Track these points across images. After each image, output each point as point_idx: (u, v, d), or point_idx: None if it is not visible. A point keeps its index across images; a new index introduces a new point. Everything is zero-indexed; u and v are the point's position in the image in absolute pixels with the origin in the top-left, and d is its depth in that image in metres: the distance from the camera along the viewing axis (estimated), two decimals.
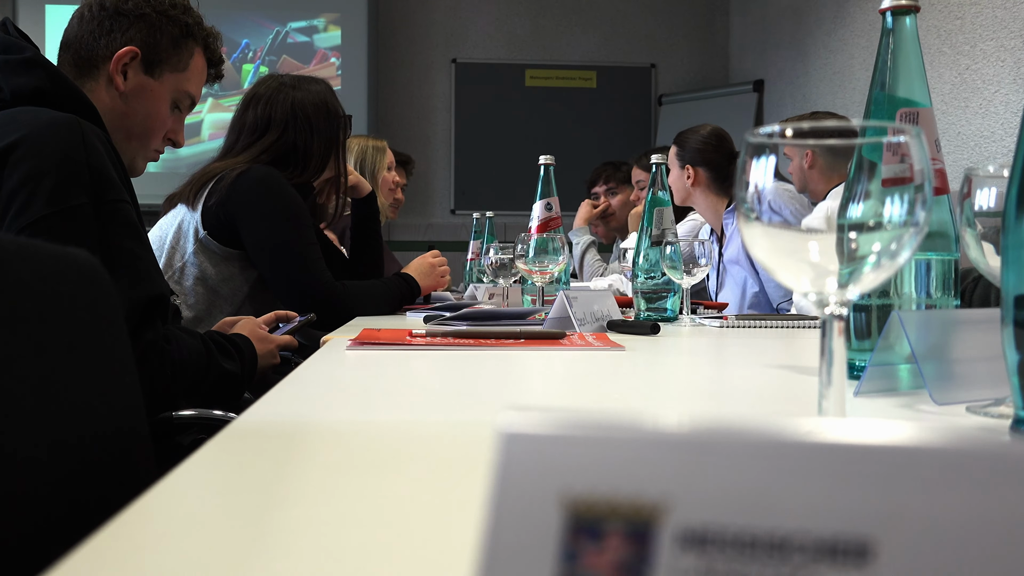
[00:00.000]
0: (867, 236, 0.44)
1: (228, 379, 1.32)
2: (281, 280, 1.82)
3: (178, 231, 1.87)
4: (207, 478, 0.44)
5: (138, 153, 1.41)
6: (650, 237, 1.70)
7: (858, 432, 0.17)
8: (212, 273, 1.84)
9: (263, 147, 1.89)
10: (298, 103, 1.92)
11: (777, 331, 1.50)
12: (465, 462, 0.48)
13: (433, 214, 5.54)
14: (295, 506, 0.40)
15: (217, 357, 1.31)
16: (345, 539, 0.34)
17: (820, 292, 0.44)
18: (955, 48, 3.46)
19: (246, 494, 0.42)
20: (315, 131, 1.93)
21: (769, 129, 0.44)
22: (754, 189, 0.45)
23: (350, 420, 0.62)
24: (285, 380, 0.77)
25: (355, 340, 1.09)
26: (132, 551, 0.33)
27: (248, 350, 1.41)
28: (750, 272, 2.63)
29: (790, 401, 0.73)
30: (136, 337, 1.17)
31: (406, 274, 2.07)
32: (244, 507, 0.39)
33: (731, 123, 3.44)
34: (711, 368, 1.03)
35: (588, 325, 1.35)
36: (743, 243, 0.56)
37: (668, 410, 0.66)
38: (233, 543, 0.34)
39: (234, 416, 1.26)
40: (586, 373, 0.91)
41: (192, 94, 1.45)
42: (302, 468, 0.47)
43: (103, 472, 0.66)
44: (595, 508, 0.17)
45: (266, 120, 1.91)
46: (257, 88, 1.96)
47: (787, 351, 1.23)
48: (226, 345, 1.35)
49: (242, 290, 1.86)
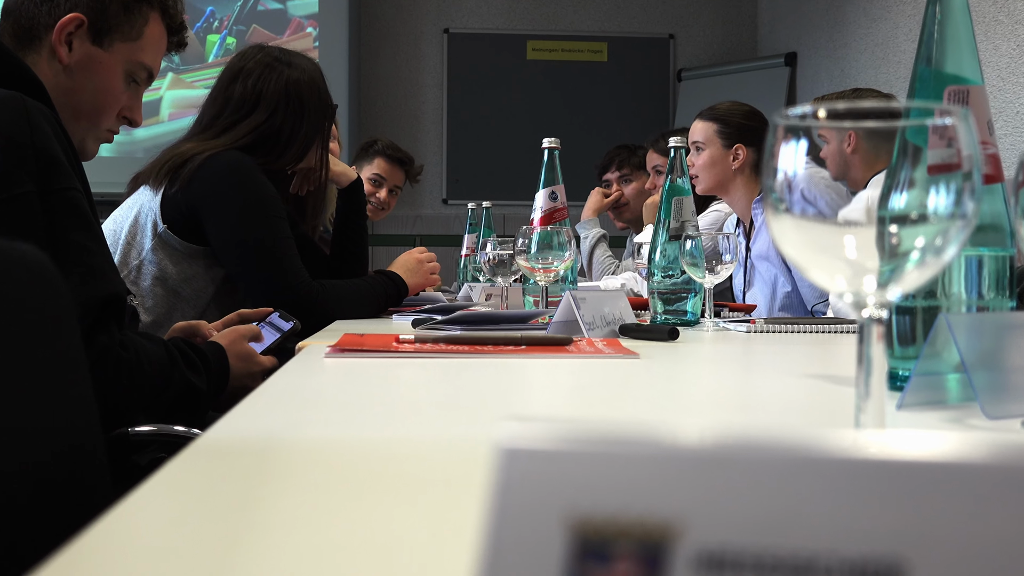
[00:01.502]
0: (910, 230, 0.45)
1: (192, 394, 1.32)
2: (251, 279, 1.83)
3: (134, 224, 1.87)
4: (168, 503, 0.44)
5: (88, 133, 1.41)
6: (668, 230, 1.71)
7: (889, 445, 0.17)
8: (173, 272, 1.84)
9: (248, 128, 1.89)
10: (292, 83, 1.92)
11: (812, 337, 1.50)
12: (459, 483, 0.48)
13: (422, 204, 5.55)
14: (268, 534, 0.40)
15: (182, 367, 1.31)
16: (325, 571, 0.35)
17: (857, 292, 0.44)
18: (1013, 16, 3.46)
19: (212, 521, 0.42)
20: (305, 117, 1.93)
21: (801, 109, 0.45)
22: (784, 177, 0.46)
23: (329, 437, 0.62)
24: (255, 392, 0.78)
25: (334, 347, 1.10)
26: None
27: (218, 362, 1.41)
28: (781, 270, 2.64)
29: (824, 415, 0.74)
30: (88, 342, 1.18)
31: (391, 272, 2.07)
32: (210, 536, 0.40)
33: (760, 101, 3.44)
34: (736, 378, 1.04)
35: (598, 330, 1.35)
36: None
37: (685, 423, 0.66)
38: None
39: (198, 433, 1.27)
40: (595, 383, 0.92)
41: (148, 65, 1.45)
42: (275, 491, 0.48)
43: (52, 496, 0.66)
44: (603, 529, 0.18)
45: (255, 97, 1.91)
46: (244, 61, 1.95)
47: (823, 359, 1.23)
48: (192, 355, 1.35)
49: (207, 291, 1.87)
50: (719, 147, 2.75)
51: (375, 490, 0.47)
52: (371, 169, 3.35)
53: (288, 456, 0.57)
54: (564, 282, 1.81)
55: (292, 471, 0.53)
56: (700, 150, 2.76)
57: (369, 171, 3.34)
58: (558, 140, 1.81)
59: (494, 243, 1.94)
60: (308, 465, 0.54)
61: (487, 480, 0.21)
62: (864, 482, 0.17)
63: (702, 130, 2.77)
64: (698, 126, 2.80)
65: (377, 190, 3.34)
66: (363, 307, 1.94)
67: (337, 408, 0.75)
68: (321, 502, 0.44)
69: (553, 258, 1.63)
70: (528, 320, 1.52)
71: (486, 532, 0.20)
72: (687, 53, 5.67)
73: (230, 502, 0.45)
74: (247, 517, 0.43)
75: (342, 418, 0.70)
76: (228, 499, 0.46)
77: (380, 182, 3.36)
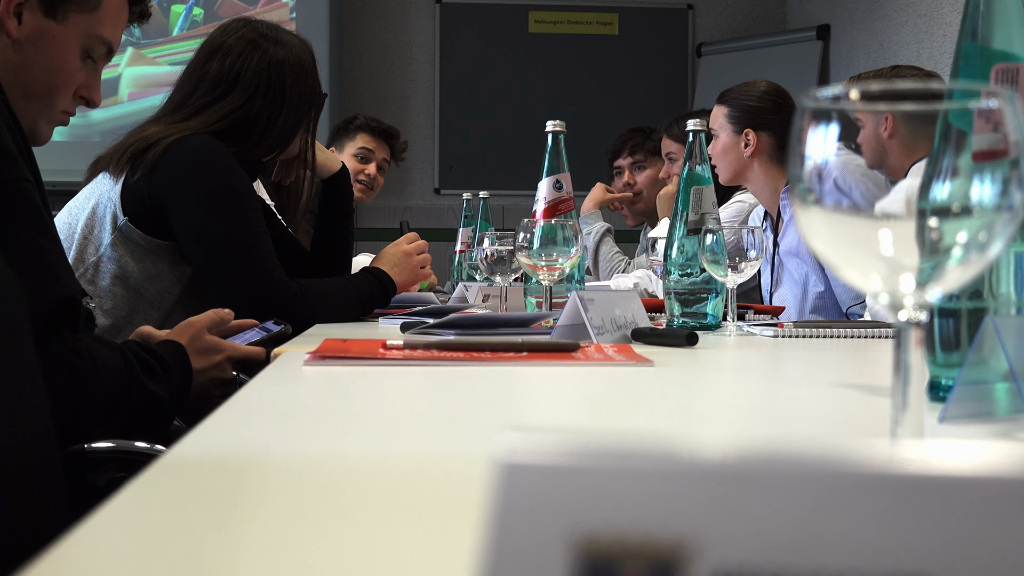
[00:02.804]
0: (952, 223, 0.45)
1: (153, 405, 1.33)
2: (220, 278, 1.83)
3: (91, 217, 1.88)
4: (130, 528, 0.45)
5: (41, 116, 1.42)
6: (686, 223, 1.71)
7: (917, 458, 0.18)
8: (134, 270, 1.85)
9: (223, 111, 1.89)
10: (276, 64, 1.91)
11: (847, 342, 1.51)
12: (454, 503, 0.49)
13: (412, 195, 5.55)
14: (242, 562, 0.40)
15: (140, 375, 1.32)
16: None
17: (893, 293, 0.45)
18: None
19: (180, 548, 0.42)
20: (287, 103, 1.93)
21: (832, 91, 0.45)
22: (813, 165, 0.46)
23: (310, 453, 0.63)
24: (227, 403, 0.78)
25: (314, 353, 1.10)
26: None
27: (178, 365, 1.42)
28: (813, 267, 2.64)
29: (858, 430, 0.74)
30: (39, 350, 1.18)
31: (376, 269, 2.07)
32: (178, 564, 0.40)
33: (789, 79, 3.45)
34: (761, 388, 1.04)
35: (608, 334, 1.36)
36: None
37: (700, 435, 0.67)
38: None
39: (162, 449, 1.27)
40: (605, 394, 0.92)
41: (107, 39, 1.45)
42: (250, 514, 0.48)
43: (2, 519, 0.67)
44: (610, 550, 0.18)
45: (233, 78, 1.90)
46: (225, 36, 1.95)
47: (859, 367, 1.24)
48: (149, 360, 1.36)
49: (172, 292, 1.88)
50: (730, 133, 2.76)
51: (361, 512, 0.47)
52: (355, 145, 3.34)
53: (264, 475, 0.57)
54: (570, 281, 1.82)
55: (268, 492, 0.53)
56: (716, 138, 2.78)
57: (353, 147, 3.33)
58: (563, 123, 1.82)
59: (492, 238, 1.94)
60: (286, 485, 0.54)
61: (485, 499, 0.21)
62: (893, 497, 0.18)
63: (715, 115, 2.79)
64: (714, 112, 2.82)
65: (364, 166, 3.32)
66: (346, 309, 1.94)
67: (318, 421, 0.76)
68: (301, 526, 0.45)
69: (558, 255, 1.63)
70: (530, 324, 1.52)
71: (484, 556, 0.20)
72: (707, 26, 5.68)
73: (200, 526, 0.46)
74: (219, 543, 0.43)
75: (323, 432, 0.71)
76: (197, 523, 0.46)
77: (367, 157, 3.34)
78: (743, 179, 2.80)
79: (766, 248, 2.72)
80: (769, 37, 5.47)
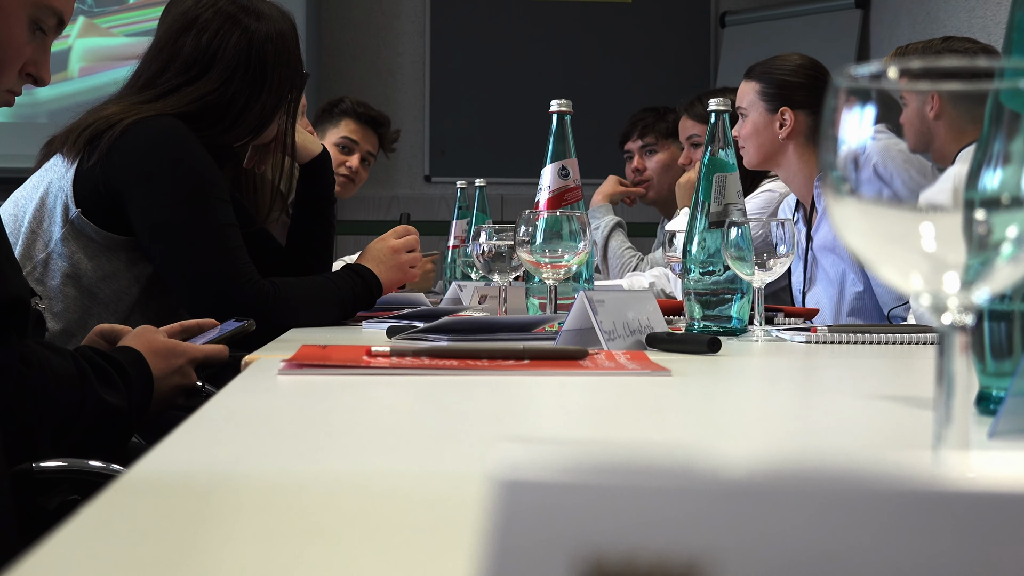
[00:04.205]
0: (1002, 216, 0.46)
1: (110, 417, 1.33)
2: (185, 277, 1.84)
3: (40, 208, 1.88)
4: (86, 556, 0.45)
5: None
6: (707, 215, 1.72)
7: (959, 473, 0.18)
8: (88, 268, 1.85)
9: (196, 94, 1.89)
10: (258, 43, 1.91)
11: (889, 349, 1.51)
12: (447, 527, 0.49)
13: (399, 183, 5.55)
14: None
15: (95, 385, 1.32)
16: None
17: (936, 293, 0.45)
18: None
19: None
20: (267, 85, 1.93)
21: (868, 68, 0.46)
22: (848, 151, 0.47)
23: (286, 472, 0.63)
24: (193, 417, 0.79)
25: (290, 361, 1.11)
26: None
27: (138, 372, 1.42)
28: (851, 265, 2.64)
29: (897, 446, 0.75)
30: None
31: (359, 266, 2.07)
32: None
33: (824, 53, 3.44)
34: (791, 400, 1.05)
35: (620, 340, 1.36)
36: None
37: (719, 447, 0.67)
38: None
39: (120, 469, 1.27)
40: (616, 407, 0.93)
41: (58, 9, 1.46)
42: (220, 540, 0.49)
43: None
44: (619, 572, 0.19)
45: (210, 57, 1.90)
46: (200, 8, 1.93)
47: (902, 377, 1.24)
48: (105, 367, 1.36)
49: (130, 292, 1.88)
50: (762, 112, 2.74)
51: (344, 537, 0.48)
52: (338, 133, 3.34)
53: (235, 497, 0.57)
54: (577, 281, 1.82)
55: (240, 516, 0.53)
56: (744, 117, 2.76)
57: (335, 135, 3.33)
58: (570, 102, 1.82)
59: (489, 231, 1.95)
60: (260, 508, 0.54)
61: (482, 520, 0.22)
62: (933, 517, 0.18)
63: (745, 92, 2.78)
64: (742, 88, 2.80)
65: (346, 158, 3.32)
66: (326, 311, 1.94)
67: (295, 437, 0.76)
68: (277, 553, 0.45)
69: (564, 250, 1.63)
70: (532, 328, 1.53)
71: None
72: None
73: (164, 555, 0.46)
74: (186, 573, 0.43)
75: (301, 450, 0.71)
76: (161, 551, 0.47)
77: (350, 147, 3.34)
78: (774, 164, 2.78)
79: (798, 243, 2.72)
80: (802, 5, 5.46)
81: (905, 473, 0.20)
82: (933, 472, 0.20)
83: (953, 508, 0.19)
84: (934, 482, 0.20)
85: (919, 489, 0.20)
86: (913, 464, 0.21)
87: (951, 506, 0.19)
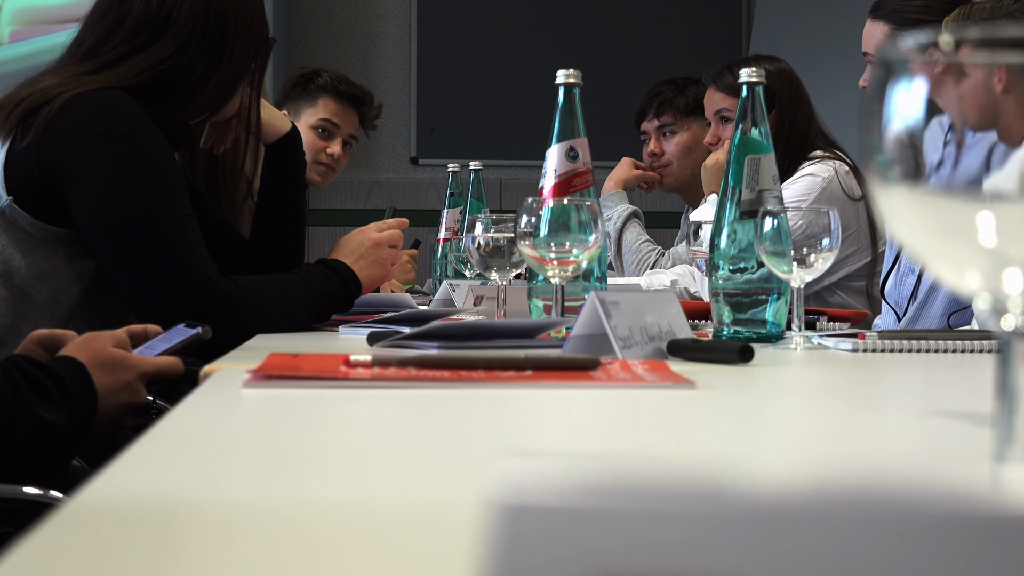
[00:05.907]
0: None
1: (46, 435, 1.33)
2: (133, 275, 1.84)
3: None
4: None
5: None
6: (738, 204, 1.72)
7: (1016, 495, 0.19)
8: (21, 265, 1.85)
9: (146, 63, 1.89)
10: (216, 3, 1.91)
11: (947, 358, 1.51)
12: (436, 560, 0.49)
13: (381, 165, 5.54)
14: None
15: (30, 398, 1.32)
16: None
17: (996, 293, 0.46)
18: None
19: None
20: (227, 53, 1.93)
21: (920, 36, 0.46)
22: (897, 131, 0.47)
23: (252, 499, 0.63)
24: (146, 436, 0.79)
25: (257, 371, 1.11)
26: None
27: (80, 385, 1.42)
28: None
29: (951, 466, 0.75)
30: None
31: (334, 261, 2.07)
32: None
33: None
34: (834, 415, 1.05)
35: (637, 348, 1.36)
36: None
37: (747, 465, 0.67)
38: None
39: (60, 496, 1.27)
40: (632, 424, 0.93)
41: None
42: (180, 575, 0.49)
43: None
44: None
45: (161, 21, 1.90)
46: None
47: (961, 389, 1.24)
48: (42, 378, 1.36)
49: (70, 294, 1.88)
50: None
51: (318, 573, 0.48)
52: (315, 114, 3.28)
53: (196, 527, 0.58)
54: (588, 279, 1.82)
55: (201, 548, 0.54)
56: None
57: (312, 117, 3.28)
58: (579, 73, 1.82)
59: (486, 222, 1.95)
60: (224, 539, 0.55)
61: (478, 552, 0.22)
62: (986, 542, 0.19)
63: (870, 35, 2.62)
64: (867, 29, 2.59)
65: (326, 143, 3.27)
66: (296, 313, 1.94)
67: (262, 459, 0.76)
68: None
69: (572, 244, 1.63)
70: (536, 334, 1.53)
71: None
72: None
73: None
74: None
75: (270, 473, 0.71)
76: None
77: (331, 131, 3.28)
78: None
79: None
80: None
81: (960, 495, 0.20)
82: (993, 494, 0.21)
83: (1014, 534, 0.20)
84: (994, 505, 0.20)
85: (977, 514, 0.20)
86: (970, 486, 0.21)
87: (1012, 532, 0.20)
